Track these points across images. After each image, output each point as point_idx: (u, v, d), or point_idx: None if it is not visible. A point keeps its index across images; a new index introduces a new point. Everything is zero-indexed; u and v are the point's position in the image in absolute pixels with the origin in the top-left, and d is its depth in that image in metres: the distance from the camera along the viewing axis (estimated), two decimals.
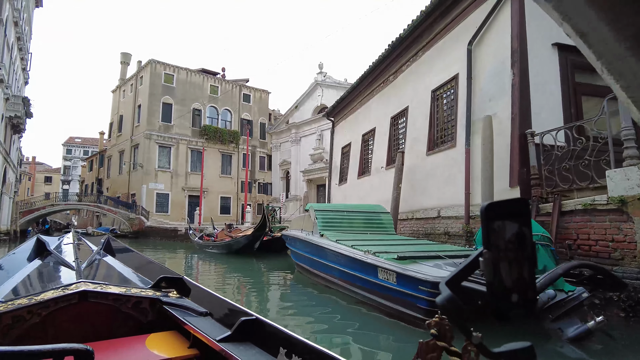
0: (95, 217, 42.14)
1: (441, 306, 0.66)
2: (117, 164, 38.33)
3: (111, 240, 3.80)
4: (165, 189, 34.20)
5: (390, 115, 11.50)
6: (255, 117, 39.86)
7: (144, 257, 3.37)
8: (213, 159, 36.22)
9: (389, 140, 11.38)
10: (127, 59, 40.10)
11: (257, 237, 14.60)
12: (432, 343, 0.77)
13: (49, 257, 2.99)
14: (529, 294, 0.64)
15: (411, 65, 10.87)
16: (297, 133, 36.45)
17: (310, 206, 9.15)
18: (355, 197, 13.01)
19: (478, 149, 7.83)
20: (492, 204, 0.64)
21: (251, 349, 1.64)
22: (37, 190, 57.50)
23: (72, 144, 63.52)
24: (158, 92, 34.40)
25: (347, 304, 6.45)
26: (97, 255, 3.15)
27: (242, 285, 10.43)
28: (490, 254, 0.63)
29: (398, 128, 11.29)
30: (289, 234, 10.23)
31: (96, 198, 36.47)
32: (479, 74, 8.13)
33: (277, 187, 38.49)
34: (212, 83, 37.55)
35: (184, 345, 1.86)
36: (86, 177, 49.57)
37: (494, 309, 0.65)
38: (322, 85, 34.64)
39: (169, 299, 2.14)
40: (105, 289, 2.01)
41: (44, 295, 1.86)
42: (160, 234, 28.75)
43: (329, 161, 16.39)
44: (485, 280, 0.63)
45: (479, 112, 7.95)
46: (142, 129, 34.06)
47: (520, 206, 0.66)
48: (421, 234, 9.32)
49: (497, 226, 0.64)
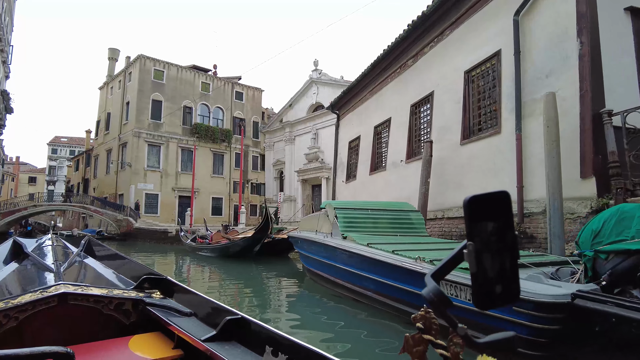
0: (81, 218, 40.07)
1: (428, 299, 0.65)
2: (105, 164, 36.37)
3: (92, 241, 3.62)
4: (155, 190, 32.40)
5: (410, 103, 10.15)
6: (248, 116, 38.24)
7: (126, 258, 3.14)
8: (204, 158, 34.48)
9: (410, 131, 10.03)
10: (115, 55, 38.17)
11: (258, 240, 13.10)
12: (418, 337, 0.75)
13: (27, 259, 2.83)
14: (512, 284, 0.65)
15: (436, 47, 9.54)
16: (292, 132, 34.97)
17: (328, 204, 7.72)
18: (366, 195, 11.64)
19: (533, 134, 6.51)
20: (475, 197, 0.64)
21: (236, 348, 1.59)
22: (21, 191, 54.83)
23: (58, 143, 60.85)
24: (147, 89, 32.62)
25: (386, 322, 5.10)
26: (77, 257, 3.02)
27: (244, 294, 8.97)
28: (474, 246, 0.63)
29: (420, 117, 9.94)
30: (300, 236, 8.80)
31: (82, 198, 34.47)
32: (530, 48, 6.82)
33: (271, 188, 36.92)
34: (203, 80, 35.86)
35: (168, 346, 1.81)
36: (72, 177, 47.30)
37: (477, 300, 0.64)
38: (318, 82, 33.24)
39: (153, 300, 2.07)
40: (86, 291, 1.94)
41: (22, 299, 1.79)
42: (149, 236, 27.01)
43: (333, 157, 14.97)
44: (470, 272, 0.63)
45: (532, 91, 6.64)
46: (130, 127, 32.25)
47: (502, 199, 0.66)
48: (455, 235, 7.99)
49: (480, 219, 0.64)
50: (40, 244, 3.46)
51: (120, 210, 30.44)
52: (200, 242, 16.87)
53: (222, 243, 14.50)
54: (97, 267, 2.88)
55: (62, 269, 2.50)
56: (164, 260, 16.82)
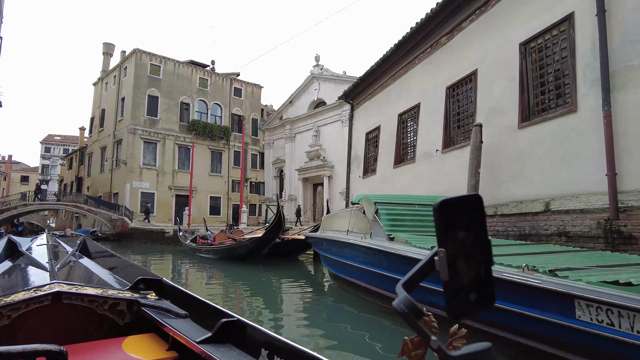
0: (74, 218, 38.31)
1: (398, 309, 0.62)
2: (99, 162, 34.66)
3: (87, 241, 3.51)
4: (151, 188, 30.79)
5: (446, 85, 8.79)
6: (247, 113, 36.66)
7: (121, 259, 3.08)
8: (202, 156, 32.86)
9: (446, 117, 8.67)
10: (110, 49, 36.45)
11: (268, 241, 11.63)
12: (417, 340, 0.69)
13: (21, 258, 2.78)
14: (487, 291, 0.62)
15: (477, 20, 8.20)
16: (292, 129, 33.55)
17: (365, 198, 6.33)
18: (390, 191, 10.28)
19: (627, 109, 5.18)
20: (445, 201, 0.61)
21: (232, 351, 1.55)
22: (13, 191, 52.65)
23: (51, 141, 58.66)
24: (143, 84, 31.00)
25: None
26: (72, 256, 2.96)
27: (256, 303, 7.56)
28: (445, 253, 0.60)
29: (459, 99, 8.59)
30: (325, 237, 7.43)
31: (75, 197, 32.76)
32: (617, 6, 5.50)
33: (270, 187, 35.45)
34: (201, 76, 34.27)
35: (163, 347, 1.76)
36: (65, 176, 45.40)
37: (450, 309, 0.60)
38: (319, 78, 31.85)
39: (147, 301, 2.02)
40: (80, 290, 1.90)
41: (15, 297, 1.75)
42: (145, 237, 25.45)
43: (347, 150, 13.55)
44: (442, 280, 0.60)
45: (623, 58, 5.31)
46: (125, 123, 30.63)
47: (475, 202, 0.63)
48: (512, 235, 6.63)
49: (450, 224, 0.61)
50: (35, 243, 3.33)
51: (114, 209, 28.84)
52: (201, 243, 15.39)
53: (227, 244, 13.03)
54: (92, 267, 2.79)
55: (57, 268, 2.43)
56: (161, 263, 15.32)
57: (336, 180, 29.42)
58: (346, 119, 30.06)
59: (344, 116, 29.57)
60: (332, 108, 30.32)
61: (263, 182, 36.38)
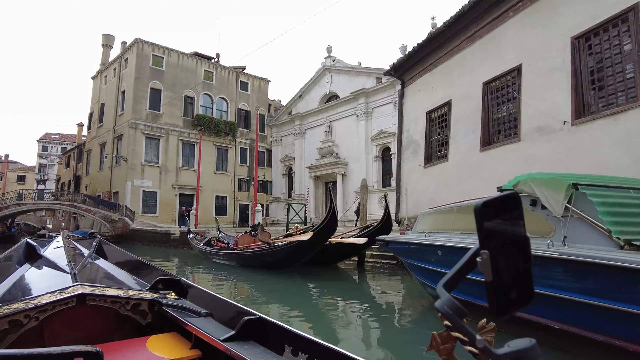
0: (72, 218, 35.35)
1: (442, 311, 0.63)
2: (98, 159, 31.78)
3: (103, 242, 3.37)
4: (153, 187, 28.01)
5: (571, 36, 6.23)
6: (254, 108, 34.00)
7: (138, 260, 2.92)
8: (207, 153, 30.03)
9: (575, 76, 6.11)
10: (110, 41, 33.57)
11: (315, 245, 8.92)
12: (445, 334, 0.69)
13: (40, 260, 2.63)
14: (526, 288, 0.62)
15: None
16: (302, 125, 30.90)
17: (540, 178, 3.73)
18: (475, 180, 7.71)
19: None
20: (487, 202, 0.61)
21: (256, 348, 1.50)
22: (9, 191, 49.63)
23: (49, 140, 55.35)
24: (145, 76, 28.25)
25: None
26: (89, 258, 2.82)
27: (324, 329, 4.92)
28: (488, 253, 0.60)
29: (594, 52, 6.04)
30: (444, 243, 4.84)
31: (72, 196, 29.87)
32: None
33: (278, 185, 32.77)
34: (206, 68, 31.50)
35: (186, 346, 1.71)
36: (63, 175, 42.35)
37: (493, 308, 0.61)
38: (331, 70, 29.26)
39: (168, 301, 1.96)
40: (103, 292, 1.84)
41: (41, 299, 1.70)
42: (148, 239, 22.69)
43: (397, 135, 10.92)
44: (485, 280, 0.60)
45: None
46: (126, 118, 27.84)
47: (514, 201, 0.64)
48: None
49: (491, 224, 0.61)
50: (52, 246, 3.10)
51: (114, 209, 26.05)
52: (219, 247, 12.67)
53: (255, 249, 10.31)
54: (110, 268, 2.66)
55: (77, 270, 2.32)
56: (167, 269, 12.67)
57: (351, 178, 26.83)
58: (361, 112, 27.63)
59: (358, 110, 26.98)
60: (345, 101, 27.76)
61: (270, 180, 33.69)
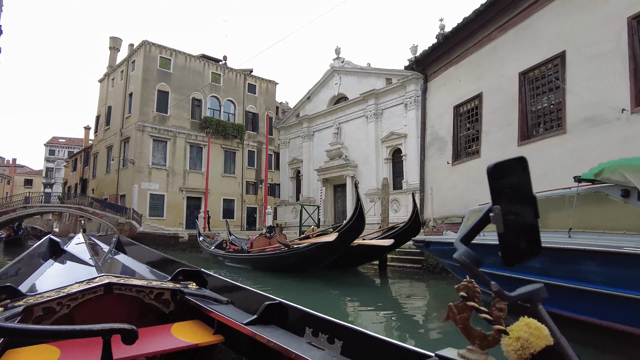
0: (78, 222, 34.95)
1: (461, 261, 0.66)
2: (105, 162, 31.36)
3: (122, 239, 3.48)
4: (161, 190, 27.50)
5: (628, 16, 5.66)
6: (261, 110, 33.53)
7: (157, 253, 3.02)
8: (215, 155, 29.50)
9: (634, 60, 5.54)
10: (117, 44, 33.28)
11: (340, 246, 8.27)
12: (462, 304, 0.73)
13: (64, 255, 2.77)
14: (533, 239, 0.67)
15: None
16: (310, 127, 30.38)
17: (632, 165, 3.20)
18: None
19: None
20: (497, 164, 0.66)
21: (278, 330, 1.55)
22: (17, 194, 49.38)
23: (56, 144, 55.06)
24: (153, 78, 27.85)
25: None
26: (110, 253, 2.97)
27: None
28: (499, 209, 0.65)
29: None
30: (488, 242, 4.27)
31: (79, 200, 29.43)
32: None
33: (286, 188, 32.23)
34: (213, 70, 31.08)
35: (209, 332, 1.80)
36: (69, 178, 42.00)
37: (505, 257, 0.66)
38: (340, 72, 28.74)
39: (190, 290, 2.07)
40: (128, 281, 1.93)
41: (71, 288, 1.80)
42: (156, 242, 22.11)
43: (420, 131, 10.34)
44: (497, 232, 0.65)
45: None
46: (133, 120, 27.42)
47: (521, 164, 0.68)
48: None
49: (502, 184, 0.66)
50: (74, 242, 3.26)
51: (121, 212, 25.57)
52: (233, 250, 12.12)
53: (272, 251, 9.72)
54: (130, 261, 2.78)
55: (100, 263, 2.44)
56: None
57: (360, 180, 26.21)
58: (371, 114, 27.02)
59: (368, 111, 26.42)
60: (354, 103, 27.22)
61: (278, 183, 33.16)
